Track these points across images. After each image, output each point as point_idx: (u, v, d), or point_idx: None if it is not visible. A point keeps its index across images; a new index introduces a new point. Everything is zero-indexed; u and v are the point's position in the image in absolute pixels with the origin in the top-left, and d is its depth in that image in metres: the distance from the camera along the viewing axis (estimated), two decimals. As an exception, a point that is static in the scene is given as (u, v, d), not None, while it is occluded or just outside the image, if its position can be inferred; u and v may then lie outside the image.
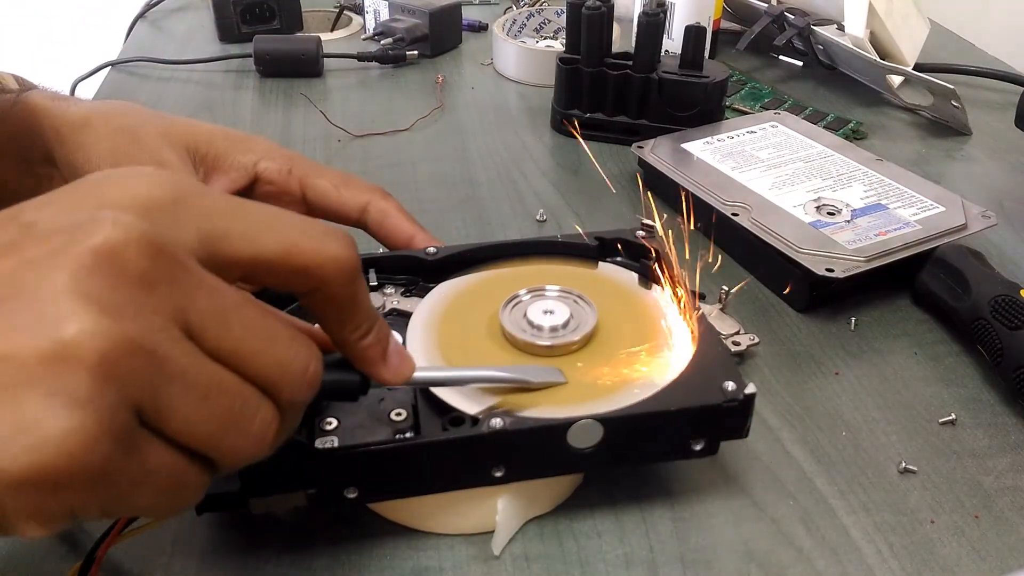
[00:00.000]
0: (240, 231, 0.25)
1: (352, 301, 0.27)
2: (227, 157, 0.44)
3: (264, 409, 0.24)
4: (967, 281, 0.45)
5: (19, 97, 0.45)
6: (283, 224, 0.26)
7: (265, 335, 0.24)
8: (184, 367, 0.22)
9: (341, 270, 0.26)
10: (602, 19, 0.62)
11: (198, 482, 0.24)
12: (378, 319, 0.29)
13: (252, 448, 0.24)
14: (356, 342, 0.28)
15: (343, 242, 0.27)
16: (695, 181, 0.54)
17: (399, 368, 0.30)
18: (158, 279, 0.22)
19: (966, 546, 0.35)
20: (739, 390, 0.33)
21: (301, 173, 0.44)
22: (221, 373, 0.23)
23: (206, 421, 0.23)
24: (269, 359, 0.24)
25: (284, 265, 0.25)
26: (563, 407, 0.33)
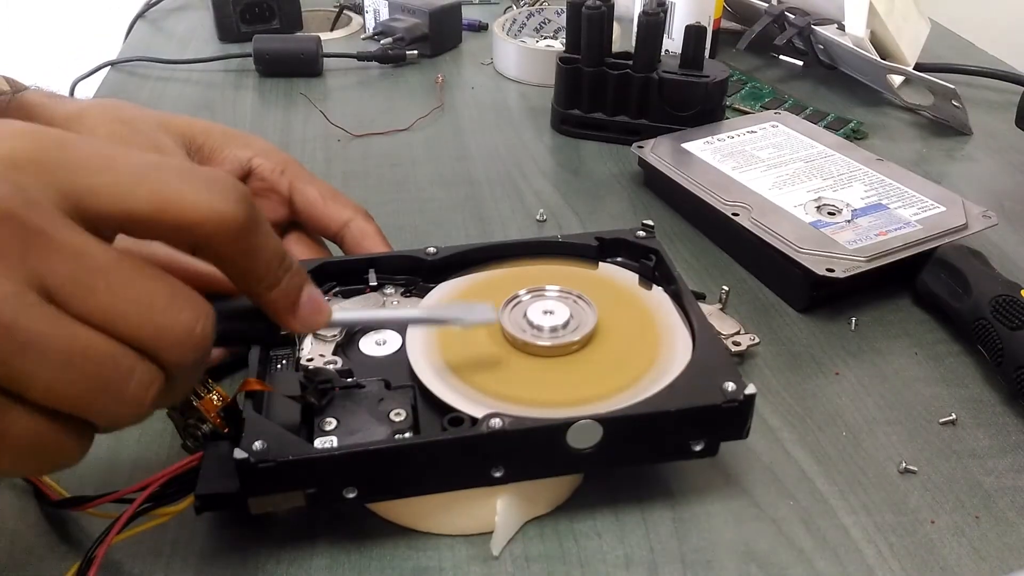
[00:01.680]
0: (108, 185, 0.24)
1: (245, 255, 0.26)
2: (223, 150, 0.44)
3: (140, 371, 0.24)
4: (968, 281, 0.45)
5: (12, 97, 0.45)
6: (158, 176, 0.24)
7: (138, 297, 0.23)
8: (40, 333, 0.22)
9: (223, 225, 0.25)
10: (602, 19, 0.62)
11: (72, 444, 0.24)
12: (286, 269, 0.28)
13: (129, 411, 0.24)
14: (260, 294, 0.28)
15: (226, 194, 0.25)
16: (695, 181, 0.54)
17: (309, 318, 0.29)
18: (7, 245, 0.22)
19: (966, 546, 0.35)
20: (739, 391, 0.33)
21: (293, 176, 0.45)
22: (87, 337, 0.23)
23: (70, 386, 0.23)
24: (142, 321, 0.24)
25: (158, 221, 0.24)
26: (563, 408, 0.33)
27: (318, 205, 0.44)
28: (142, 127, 0.42)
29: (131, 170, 0.24)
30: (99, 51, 0.87)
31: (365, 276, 0.41)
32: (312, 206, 0.44)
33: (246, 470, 0.30)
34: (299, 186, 0.45)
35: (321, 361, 0.36)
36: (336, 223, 0.44)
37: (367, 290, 0.41)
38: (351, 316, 0.32)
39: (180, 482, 0.32)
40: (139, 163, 0.24)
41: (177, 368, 0.25)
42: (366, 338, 0.38)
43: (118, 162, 0.24)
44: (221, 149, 0.44)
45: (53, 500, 0.33)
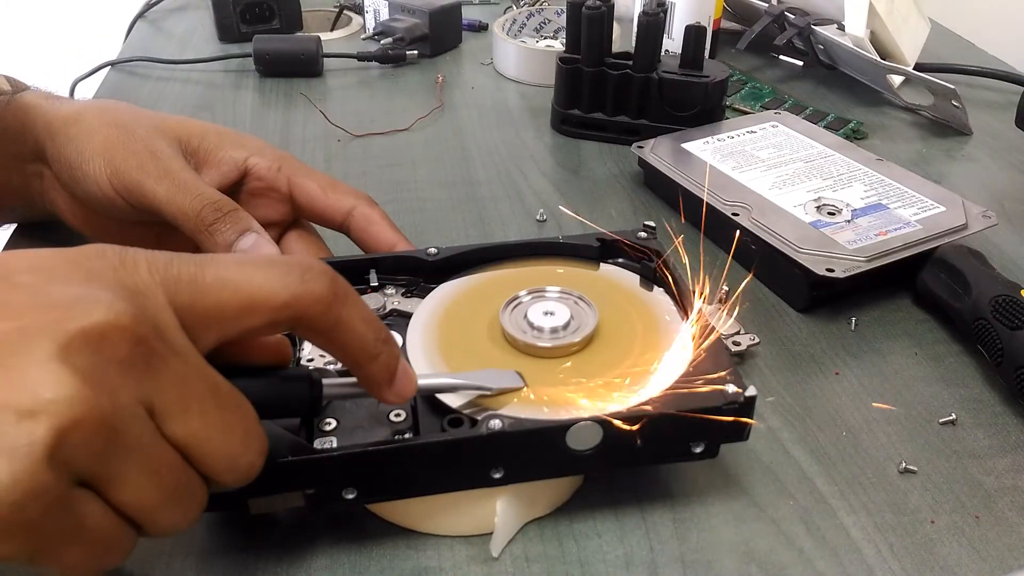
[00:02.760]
0: (201, 294, 0.26)
1: (339, 327, 0.28)
2: (218, 151, 0.44)
3: (201, 491, 0.26)
4: (968, 281, 0.45)
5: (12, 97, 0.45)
6: (243, 273, 0.27)
7: (220, 429, 0.26)
8: (143, 445, 0.24)
9: (308, 302, 0.27)
10: (602, 19, 0.62)
11: (126, 546, 0.25)
12: (384, 340, 0.29)
13: (183, 524, 0.26)
14: (362, 366, 0.29)
15: (306, 274, 0.27)
16: (695, 181, 0.54)
17: (403, 389, 0.30)
18: (135, 364, 0.24)
19: (966, 546, 0.35)
20: (740, 393, 0.33)
21: (290, 172, 0.45)
22: (172, 454, 0.25)
23: (151, 494, 0.24)
24: (218, 452, 0.26)
25: (251, 313, 0.26)
26: (562, 409, 0.33)
27: (319, 197, 0.44)
28: (138, 131, 0.42)
29: (217, 277, 0.26)
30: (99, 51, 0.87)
31: (366, 276, 0.41)
32: (313, 199, 0.44)
33: None
34: (298, 181, 0.45)
35: (322, 362, 0.36)
36: (340, 212, 0.44)
37: (368, 290, 0.41)
38: (429, 383, 0.33)
39: None
40: (223, 267, 0.27)
41: (218, 487, 0.27)
42: None
43: (208, 271, 0.26)
44: (217, 150, 0.44)
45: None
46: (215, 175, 0.44)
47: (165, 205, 0.40)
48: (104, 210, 0.43)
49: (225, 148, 0.44)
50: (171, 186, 0.40)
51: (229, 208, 0.41)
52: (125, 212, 0.42)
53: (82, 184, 0.42)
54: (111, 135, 0.42)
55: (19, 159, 0.46)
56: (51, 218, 0.48)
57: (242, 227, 0.40)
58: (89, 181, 0.42)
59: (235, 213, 0.41)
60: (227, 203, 0.41)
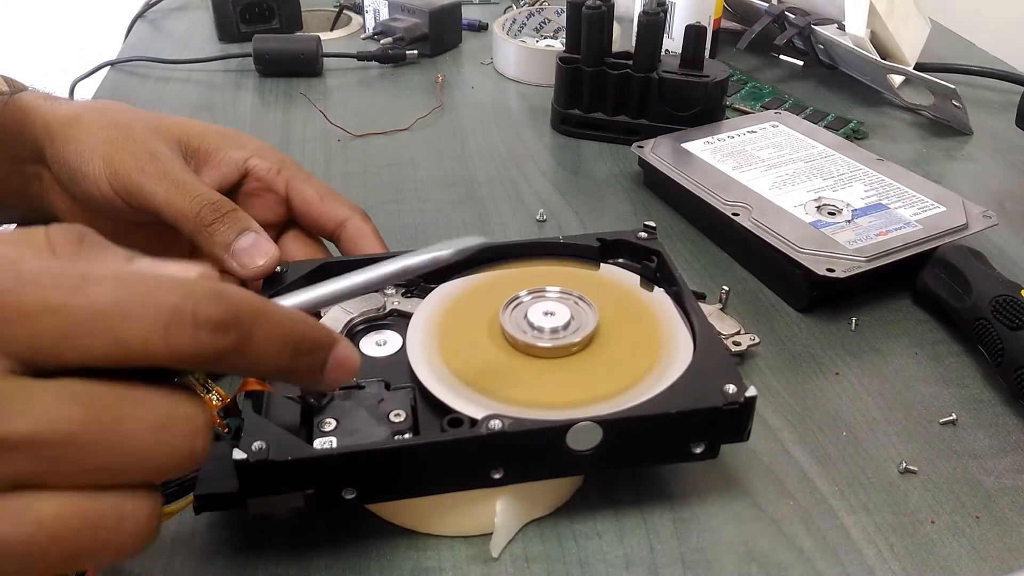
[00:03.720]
0: (60, 342, 0.21)
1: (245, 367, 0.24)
2: (219, 152, 0.44)
3: (132, 506, 0.22)
4: (968, 281, 0.45)
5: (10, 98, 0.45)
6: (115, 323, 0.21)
7: (116, 447, 0.21)
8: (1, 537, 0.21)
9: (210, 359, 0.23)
10: (602, 19, 0.62)
11: None
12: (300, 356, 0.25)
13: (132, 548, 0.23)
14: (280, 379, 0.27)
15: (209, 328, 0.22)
16: (695, 181, 0.54)
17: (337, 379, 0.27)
18: None
19: (967, 546, 0.35)
20: (740, 393, 0.33)
21: (289, 175, 0.45)
22: (53, 514, 0.21)
23: (48, 569, 0.22)
24: (131, 468, 0.22)
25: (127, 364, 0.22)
26: (562, 409, 0.33)
27: (315, 204, 0.44)
28: (138, 132, 0.42)
29: (85, 320, 0.21)
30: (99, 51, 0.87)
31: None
32: (309, 205, 0.45)
33: (245, 470, 0.30)
34: (296, 185, 0.45)
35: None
36: (333, 222, 0.44)
37: (367, 290, 0.40)
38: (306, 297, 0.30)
39: (179, 482, 0.32)
40: (95, 309, 0.21)
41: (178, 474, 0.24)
42: (366, 338, 0.38)
43: (72, 313, 0.21)
44: (217, 151, 0.44)
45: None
46: (215, 176, 0.44)
47: (164, 206, 0.40)
48: (103, 211, 0.43)
49: (225, 149, 0.44)
50: (170, 187, 0.40)
51: (228, 208, 0.41)
52: (124, 213, 0.42)
53: (81, 185, 0.42)
54: (111, 136, 0.42)
55: (18, 160, 0.46)
56: (50, 219, 0.48)
57: (241, 227, 0.41)
58: (88, 182, 0.42)
59: (234, 213, 0.41)
60: (226, 203, 0.41)
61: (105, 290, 0.22)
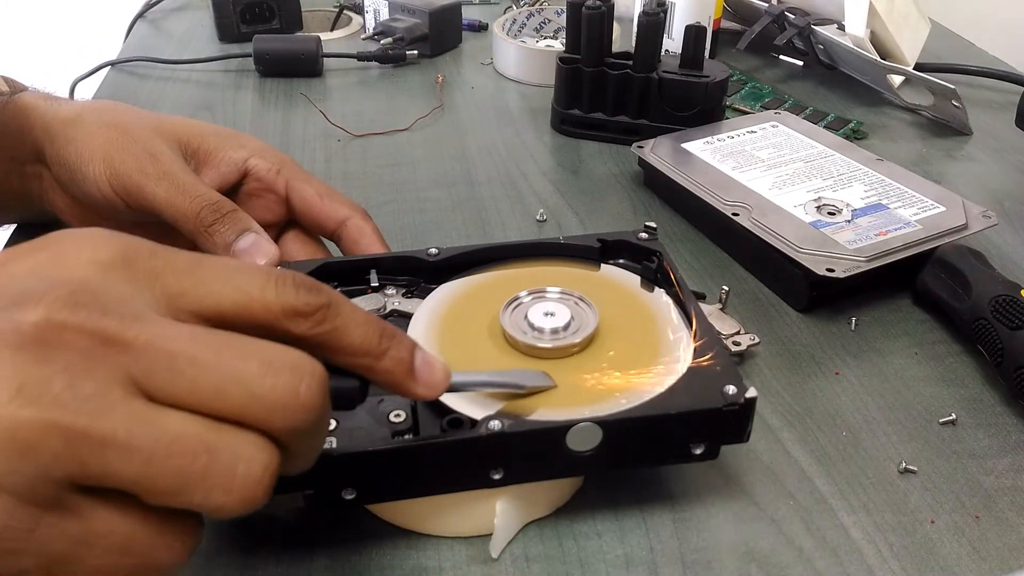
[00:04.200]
0: (194, 287, 0.25)
1: (333, 335, 0.27)
2: (218, 152, 0.44)
3: (248, 451, 0.23)
4: (968, 281, 0.45)
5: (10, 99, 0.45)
6: (239, 277, 0.26)
7: (226, 369, 0.23)
8: (122, 433, 0.22)
9: (297, 315, 0.26)
10: (602, 19, 0.62)
11: (171, 541, 0.24)
12: (389, 337, 0.28)
13: (239, 497, 0.23)
14: (370, 367, 0.28)
15: (298, 288, 0.26)
16: (695, 181, 0.54)
17: (429, 379, 0.29)
18: (87, 353, 0.22)
19: (966, 546, 0.35)
20: (740, 394, 0.33)
21: (289, 175, 0.45)
22: (177, 427, 0.22)
23: (162, 482, 0.22)
24: (237, 393, 0.23)
25: (245, 317, 0.25)
26: (562, 410, 0.33)
27: (315, 203, 0.45)
28: (138, 133, 0.42)
29: (214, 273, 0.26)
30: (99, 51, 0.87)
31: (366, 276, 0.41)
32: (309, 204, 0.45)
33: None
34: (296, 185, 0.45)
35: (321, 362, 0.36)
36: (333, 221, 0.44)
37: (368, 291, 0.41)
38: (464, 379, 0.32)
39: None
40: (220, 266, 0.26)
41: (291, 435, 0.24)
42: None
43: (202, 266, 0.26)
44: (217, 151, 0.44)
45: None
46: (215, 176, 0.44)
47: (165, 207, 0.40)
48: (103, 211, 0.43)
49: (225, 149, 0.44)
50: (170, 188, 0.40)
51: (228, 209, 0.41)
52: (124, 213, 0.42)
53: (81, 185, 0.42)
54: (111, 137, 0.42)
55: (18, 160, 0.46)
56: (50, 219, 0.48)
57: (241, 227, 0.41)
58: (89, 182, 0.42)
59: (234, 214, 0.41)
60: (226, 204, 0.41)
61: (227, 259, 0.27)
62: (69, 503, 0.22)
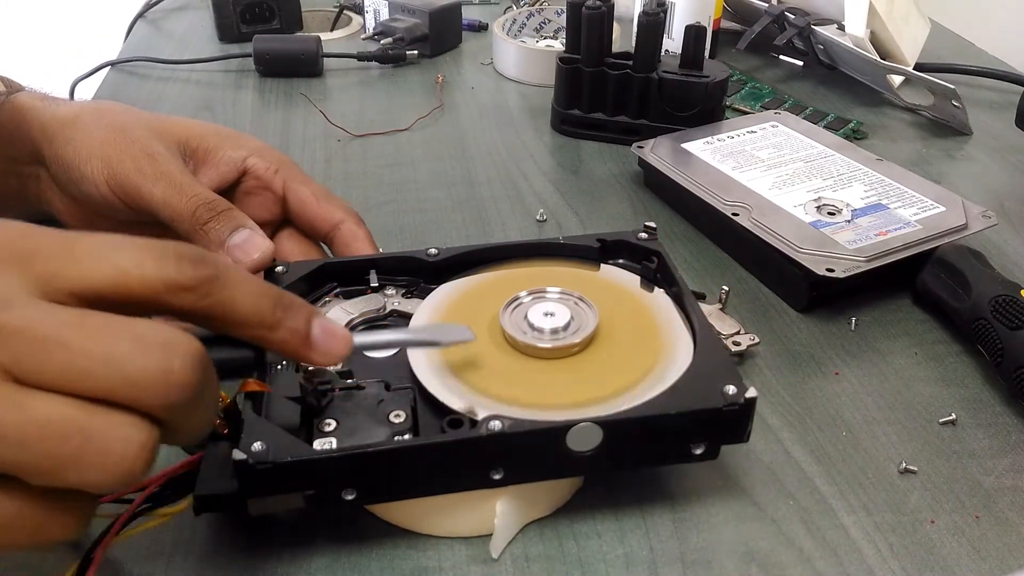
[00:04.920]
0: (68, 267, 0.25)
1: (219, 307, 0.26)
2: (217, 152, 0.44)
3: (122, 431, 0.23)
4: (967, 281, 0.45)
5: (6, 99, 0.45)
6: (113, 253, 0.25)
7: (97, 350, 0.23)
8: (5, 417, 0.22)
9: (177, 287, 0.26)
10: (602, 19, 0.62)
11: (62, 518, 0.24)
12: (284, 307, 0.28)
13: (116, 474, 0.23)
14: (264, 338, 0.28)
15: (176, 260, 0.26)
16: (695, 181, 0.54)
17: (328, 346, 0.29)
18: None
19: (966, 546, 0.35)
20: (740, 394, 0.33)
21: (287, 175, 0.45)
22: (47, 411, 0.23)
23: (36, 464, 0.23)
24: (108, 373, 0.23)
25: (122, 294, 0.25)
26: (562, 410, 0.33)
27: (311, 204, 0.45)
28: (136, 134, 0.42)
29: (88, 251, 0.25)
30: (99, 51, 0.87)
31: (366, 277, 0.41)
32: (305, 205, 0.45)
33: (244, 471, 0.30)
34: (292, 185, 0.45)
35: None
36: (327, 224, 0.45)
37: (368, 291, 0.41)
38: (371, 339, 0.32)
39: (179, 482, 0.32)
40: (96, 243, 0.25)
41: (168, 412, 0.24)
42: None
43: (77, 246, 0.25)
44: (216, 151, 0.44)
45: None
46: (214, 175, 0.44)
47: (161, 206, 0.41)
48: (101, 211, 0.43)
49: (224, 148, 0.45)
50: (167, 188, 0.41)
51: (223, 207, 0.41)
52: (122, 212, 0.42)
53: (80, 186, 0.42)
54: (109, 137, 0.42)
55: (15, 161, 0.46)
56: (48, 219, 0.48)
57: (235, 224, 0.41)
58: (87, 183, 0.42)
59: (229, 212, 0.41)
60: (221, 202, 0.41)
61: (103, 236, 0.26)
62: None
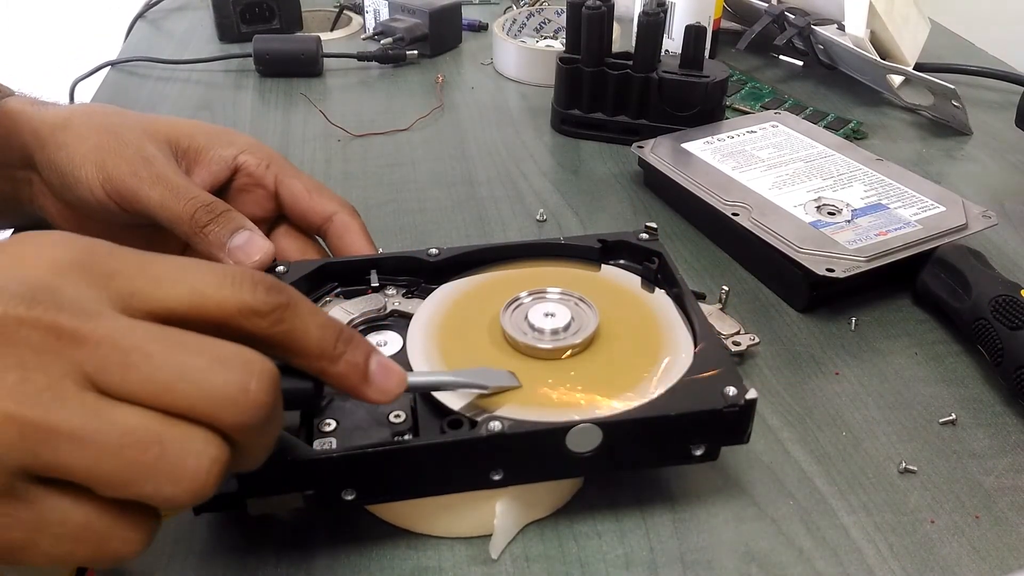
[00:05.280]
0: (148, 286, 0.25)
1: (288, 336, 0.27)
2: (208, 151, 0.45)
3: (197, 445, 0.24)
4: (968, 281, 0.45)
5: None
6: (191, 275, 0.26)
7: (178, 365, 0.24)
8: (75, 426, 0.22)
9: (250, 312, 0.26)
10: (602, 19, 0.62)
11: (128, 532, 0.24)
12: (345, 341, 0.28)
13: (188, 489, 0.24)
14: (325, 370, 0.28)
15: (251, 285, 0.26)
16: (695, 181, 0.54)
17: (384, 384, 0.29)
18: (42, 348, 0.23)
19: (966, 546, 0.35)
20: (740, 395, 0.33)
21: (278, 170, 0.45)
22: (127, 421, 0.23)
23: (113, 473, 0.23)
24: (187, 388, 0.24)
25: (199, 315, 0.26)
26: (562, 411, 0.33)
27: (303, 198, 0.45)
28: (129, 136, 0.42)
29: (166, 271, 0.26)
30: (99, 51, 0.87)
31: (366, 277, 0.41)
32: (297, 199, 0.45)
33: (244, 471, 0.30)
34: (284, 180, 0.45)
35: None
36: (321, 216, 0.45)
37: (368, 291, 0.41)
38: (423, 380, 0.33)
39: None
40: (173, 265, 0.26)
41: (241, 431, 0.25)
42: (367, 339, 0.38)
43: (155, 265, 0.26)
44: (207, 150, 0.44)
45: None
46: (206, 175, 0.44)
47: (159, 210, 0.41)
48: (96, 215, 0.43)
49: (215, 147, 0.45)
50: (164, 191, 0.41)
51: (222, 209, 0.41)
52: (117, 216, 0.42)
53: (74, 190, 0.42)
54: (102, 141, 0.42)
55: (7, 166, 0.46)
56: (41, 224, 0.48)
57: (235, 226, 0.41)
58: (81, 187, 0.42)
59: (227, 214, 0.41)
60: (219, 205, 0.41)
61: (182, 259, 0.27)
62: (22, 492, 0.23)
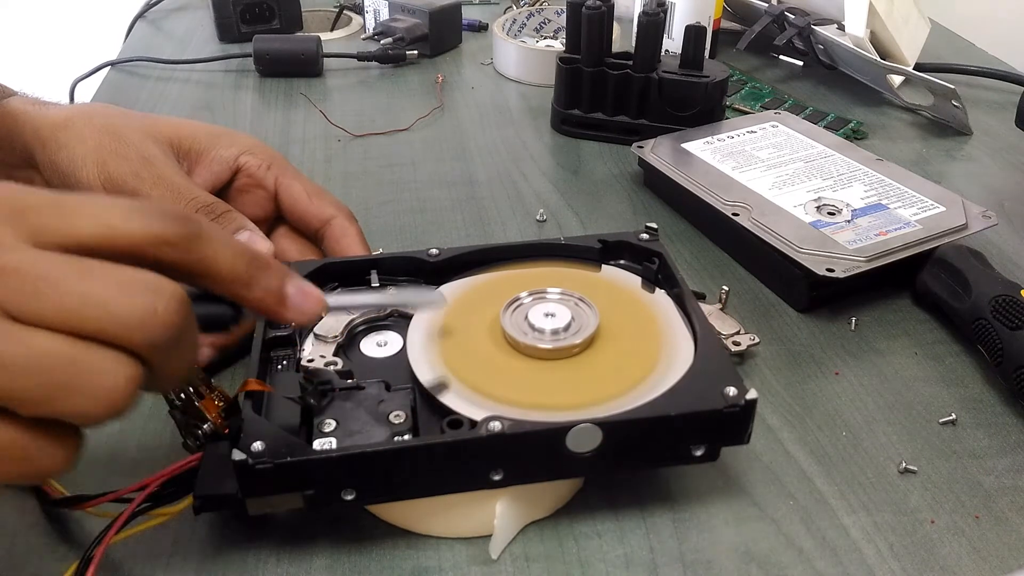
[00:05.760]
0: (57, 221, 0.26)
1: (200, 264, 0.28)
2: (210, 151, 0.45)
3: (110, 364, 0.25)
4: (967, 281, 0.45)
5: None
6: (101, 209, 0.27)
7: (87, 291, 0.25)
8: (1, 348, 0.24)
9: (161, 241, 0.27)
10: (602, 19, 0.62)
11: (55, 449, 0.25)
12: (259, 267, 0.29)
13: (104, 404, 0.25)
14: (240, 295, 0.29)
15: (161, 216, 0.27)
16: (695, 181, 0.54)
17: (302, 306, 0.30)
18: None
19: (966, 546, 0.35)
20: (740, 395, 0.33)
21: (279, 172, 0.46)
22: (43, 342, 0.24)
23: (32, 391, 0.24)
24: (97, 313, 0.25)
25: (108, 247, 0.26)
26: (563, 411, 0.33)
27: (302, 201, 0.45)
28: (129, 137, 0.42)
29: (76, 207, 0.26)
30: (99, 51, 0.87)
31: (367, 277, 0.41)
32: (297, 201, 0.45)
33: (244, 471, 0.30)
34: (284, 182, 0.45)
35: (321, 362, 0.36)
36: (318, 220, 0.45)
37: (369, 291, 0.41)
38: (345, 300, 0.33)
39: (179, 482, 0.32)
40: (84, 201, 0.27)
41: (152, 351, 0.26)
42: (367, 339, 0.38)
43: (67, 203, 0.27)
44: (208, 150, 0.45)
45: (53, 498, 0.33)
46: (207, 175, 0.44)
47: None
48: None
49: (216, 147, 0.45)
50: (165, 192, 0.41)
51: (222, 210, 0.41)
52: None
53: (75, 190, 0.42)
54: (103, 141, 0.42)
55: (8, 166, 0.46)
56: None
57: (235, 226, 0.41)
58: (82, 187, 0.42)
59: (228, 214, 0.41)
60: (220, 205, 0.41)
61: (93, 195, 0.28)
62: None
